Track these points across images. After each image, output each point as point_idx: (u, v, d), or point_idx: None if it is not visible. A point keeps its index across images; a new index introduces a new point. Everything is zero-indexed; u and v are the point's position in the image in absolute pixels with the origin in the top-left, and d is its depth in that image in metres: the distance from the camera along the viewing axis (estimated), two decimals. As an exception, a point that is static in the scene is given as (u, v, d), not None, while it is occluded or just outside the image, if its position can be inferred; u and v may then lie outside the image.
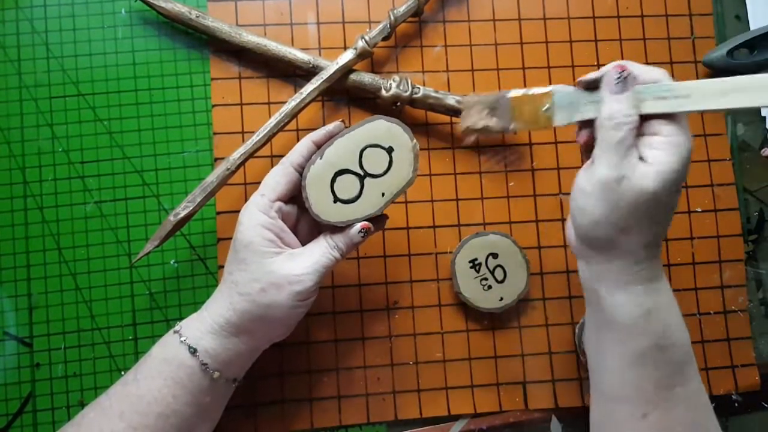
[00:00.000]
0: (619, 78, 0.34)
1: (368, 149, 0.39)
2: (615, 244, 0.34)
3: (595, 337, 0.37)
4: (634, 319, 0.34)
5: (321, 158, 0.39)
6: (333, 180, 0.39)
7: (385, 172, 0.40)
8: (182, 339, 0.38)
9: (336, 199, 0.39)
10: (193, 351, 0.38)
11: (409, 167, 0.40)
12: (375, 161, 0.39)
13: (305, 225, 0.42)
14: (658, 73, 0.34)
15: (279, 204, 0.39)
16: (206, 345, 0.38)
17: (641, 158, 0.33)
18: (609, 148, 0.33)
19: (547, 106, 0.37)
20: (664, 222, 0.35)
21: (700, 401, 0.35)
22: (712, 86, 0.33)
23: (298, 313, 0.39)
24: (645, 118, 0.34)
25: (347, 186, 0.39)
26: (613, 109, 0.34)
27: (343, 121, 0.41)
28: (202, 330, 0.38)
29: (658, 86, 0.34)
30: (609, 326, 0.35)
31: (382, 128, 0.39)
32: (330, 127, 0.40)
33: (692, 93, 0.33)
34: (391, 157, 0.39)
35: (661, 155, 0.33)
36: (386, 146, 0.39)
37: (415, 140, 0.40)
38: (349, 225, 0.39)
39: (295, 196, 0.40)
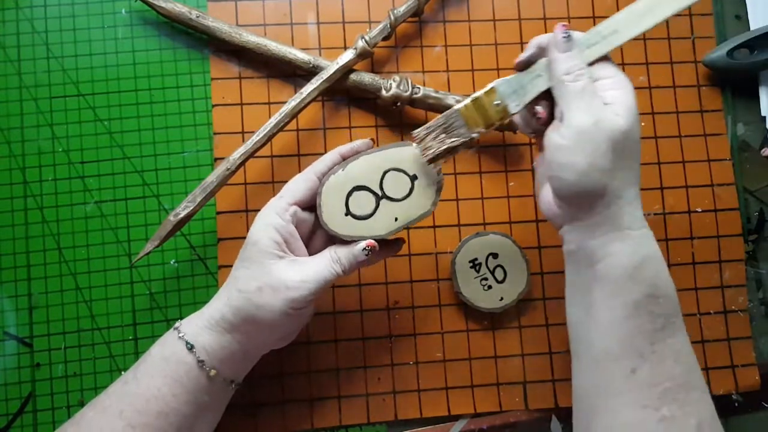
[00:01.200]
0: (566, 36, 0.36)
1: (392, 172, 0.39)
2: (605, 190, 0.35)
3: (584, 302, 0.37)
4: (629, 268, 0.35)
5: (343, 170, 0.39)
6: (350, 193, 0.39)
7: (404, 198, 0.39)
8: (180, 335, 0.38)
9: (348, 213, 0.39)
10: (191, 347, 0.38)
11: (429, 199, 0.40)
12: (396, 185, 0.39)
13: (319, 239, 0.42)
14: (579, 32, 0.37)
15: (295, 208, 0.39)
16: (203, 341, 0.38)
17: (603, 101, 0.35)
18: (576, 99, 0.35)
19: (496, 101, 0.38)
20: (637, 158, 0.36)
21: (687, 354, 0.35)
22: (633, 11, 0.36)
23: (289, 321, 0.38)
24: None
25: (362, 202, 0.39)
26: (568, 64, 0.36)
27: (372, 139, 0.41)
28: (200, 325, 0.39)
29: (587, 36, 0.37)
30: (602, 283, 0.35)
31: (411, 154, 0.39)
32: (358, 143, 0.41)
33: (618, 27, 0.36)
34: (413, 185, 0.39)
35: (618, 93, 0.35)
36: (411, 173, 0.39)
37: (442, 175, 0.40)
38: (354, 241, 0.39)
39: (313, 206, 0.40)
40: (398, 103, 0.48)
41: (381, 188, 0.39)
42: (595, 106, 0.34)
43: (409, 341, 0.48)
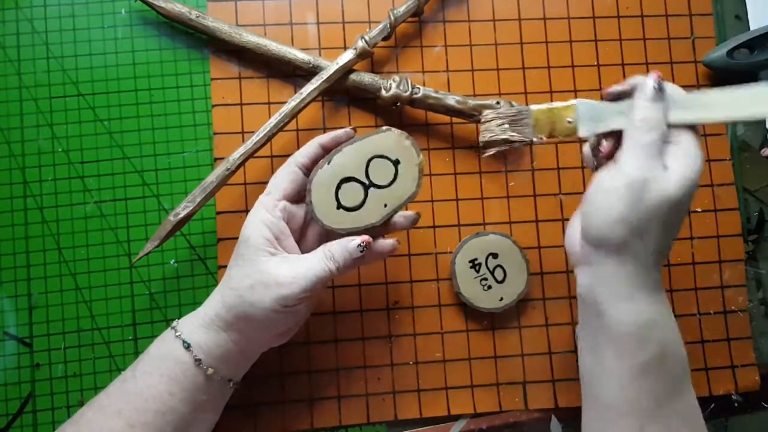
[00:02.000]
0: (657, 87, 0.35)
1: (376, 159, 0.39)
2: (628, 248, 0.34)
3: (593, 351, 0.37)
4: (637, 329, 0.34)
5: (328, 164, 0.39)
6: (338, 186, 0.39)
7: (390, 184, 0.40)
8: (177, 334, 0.38)
9: (339, 206, 0.39)
10: (187, 346, 0.38)
11: (413, 182, 0.40)
12: (381, 172, 0.40)
13: (312, 234, 0.42)
14: (679, 89, 0.36)
15: (284, 203, 0.40)
16: (199, 339, 0.38)
17: (664, 165, 0.34)
18: (639, 150, 0.34)
19: (570, 119, 0.37)
20: (676, 230, 0.35)
21: (695, 415, 0.35)
22: (736, 96, 0.35)
23: (283, 319, 0.38)
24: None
25: (352, 194, 0.39)
26: (648, 113, 0.34)
27: (355, 129, 0.41)
28: (196, 324, 0.39)
29: (684, 98, 0.35)
30: (610, 338, 0.35)
31: (392, 140, 0.39)
32: (339, 132, 0.41)
33: (714, 103, 0.35)
34: (396, 170, 0.40)
35: (682, 164, 0.34)
36: (393, 158, 0.40)
37: (421, 156, 0.40)
38: (349, 235, 0.39)
39: (303, 198, 0.41)
40: (398, 103, 0.48)
41: (368, 177, 0.39)
42: (653, 165, 0.33)
43: (409, 341, 0.48)
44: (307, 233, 0.43)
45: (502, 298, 0.48)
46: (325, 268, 0.38)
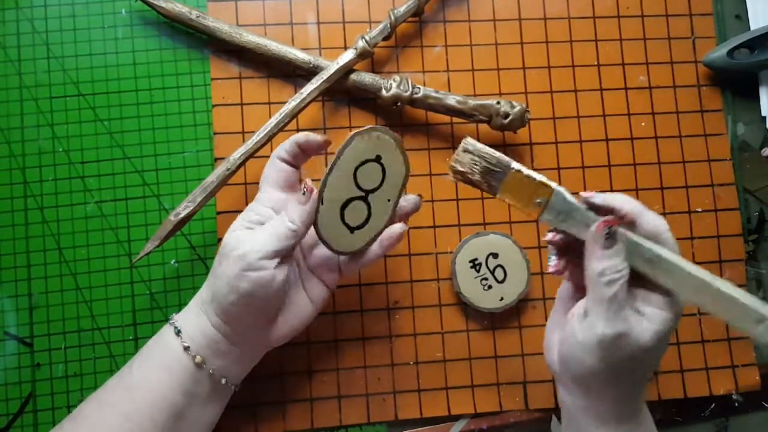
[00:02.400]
0: (607, 234, 0.33)
1: (360, 168, 0.39)
2: (606, 391, 0.34)
3: None
4: None
5: (323, 203, 0.39)
6: (342, 215, 0.39)
7: (383, 180, 0.40)
8: (172, 321, 0.39)
9: (352, 230, 0.40)
10: (178, 332, 0.38)
11: (401, 164, 0.40)
12: (370, 175, 0.39)
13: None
14: (659, 226, 0.34)
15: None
16: (189, 326, 0.39)
17: (638, 311, 0.33)
18: (602, 305, 0.33)
19: (540, 200, 0.35)
20: (651, 371, 0.36)
21: None
22: (697, 283, 0.33)
23: (245, 289, 0.36)
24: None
25: (356, 212, 0.40)
26: (603, 265, 0.33)
27: (327, 140, 0.41)
28: (189, 310, 0.40)
29: (650, 250, 0.34)
30: None
31: (362, 144, 0.39)
32: (313, 137, 0.41)
33: (675, 274, 0.33)
34: (382, 165, 0.40)
35: (659, 313, 0.33)
36: (373, 157, 0.39)
37: (396, 136, 0.39)
38: (372, 243, 0.40)
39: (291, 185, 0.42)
40: (398, 103, 0.48)
41: (361, 189, 0.39)
42: (622, 320, 0.32)
43: (409, 341, 0.48)
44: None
45: (502, 298, 0.48)
46: (283, 228, 0.37)
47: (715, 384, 0.49)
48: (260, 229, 0.38)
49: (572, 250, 0.36)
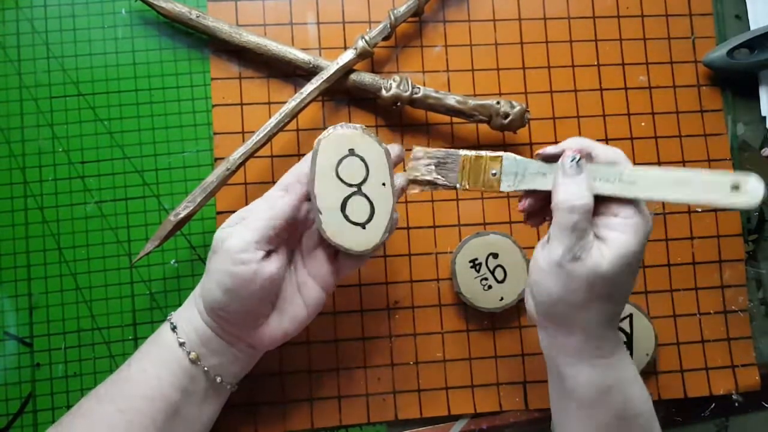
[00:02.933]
0: (573, 160, 0.34)
1: (339, 168, 0.39)
2: (572, 321, 0.34)
3: (557, 404, 0.38)
4: (593, 394, 0.35)
5: (321, 213, 0.38)
6: (346, 217, 0.39)
7: (367, 168, 0.39)
8: (168, 318, 0.40)
9: (363, 225, 0.39)
10: (173, 327, 0.39)
11: (375, 147, 0.39)
12: (353, 169, 0.39)
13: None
14: (615, 154, 0.35)
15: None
16: (184, 323, 0.39)
17: (598, 237, 0.34)
18: (564, 231, 0.33)
19: (494, 171, 0.37)
20: (621, 300, 0.35)
21: None
22: (659, 177, 0.34)
23: (232, 282, 0.36)
24: (603, 198, 0.34)
25: (358, 208, 0.39)
26: (567, 192, 0.34)
27: (330, 131, 0.40)
28: (185, 307, 0.40)
29: (608, 170, 0.34)
30: (569, 397, 0.36)
31: (330, 145, 0.39)
32: (302, 173, 0.40)
33: (638, 181, 0.34)
34: (358, 156, 0.39)
35: (619, 237, 0.33)
36: (347, 152, 0.39)
37: (355, 125, 0.39)
38: (390, 230, 0.40)
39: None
40: (398, 103, 0.48)
41: (351, 185, 0.39)
42: (581, 245, 0.33)
43: (409, 341, 0.48)
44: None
45: (502, 298, 0.48)
46: (266, 215, 0.37)
47: (715, 384, 0.49)
48: (237, 218, 0.38)
49: (548, 213, 0.37)
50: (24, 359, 0.47)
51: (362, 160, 0.39)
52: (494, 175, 0.37)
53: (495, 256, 0.48)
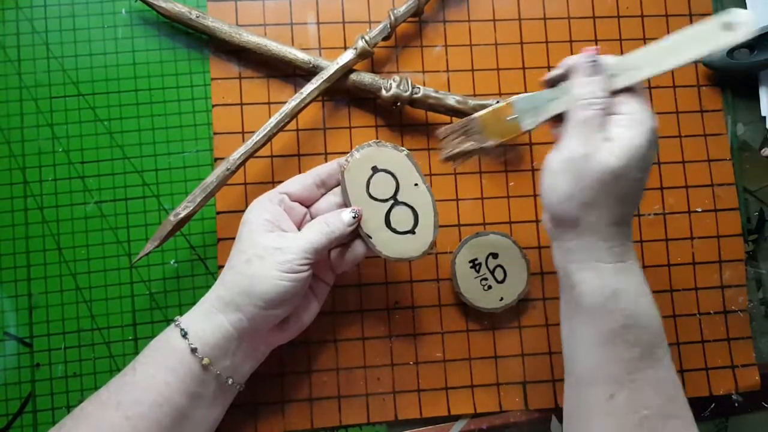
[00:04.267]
0: (592, 62, 0.36)
1: (369, 189, 0.41)
2: (582, 221, 0.35)
3: (568, 320, 0.37)
4: (601, 298, 0.35)
5: (371, 237, 0.41)
6: (395, 231, 0.41)
7: (395, 178, 0.41)
8: (177, 323, 0.39)
9: (413, 231, 0.41)
10: (184, 333, 0.38)
11: (395, 154, 0.41)
12: (383, 184, 0.41)
13: None
14: (615, 57, 0.37)
15: (283, 196, 0.41)
16: (196, 327, 0.39)
17: (607, 138, 0.34)
18: (576, 126, 0.34)
19: (511, 116, 0.38)
20: (631, 201, 0.35)
21: (669, 384, 0.35)
22: (656, 51, 0.35)
23: (285, 288, 0.38)
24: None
25: (402, 218, 0.41)
26: (584, 90, 0.35)
27: (348, 160, 0.41)
28: (196, 312, 0.40)
29: (615, 63, 0.36)
30: (578, 307, 0.36)
31: (352, 173, 0.40)
32: (333, 165, 0.42)
33: (640, 63, 0.35)
34: (382, 170, 0.41)
35: (624, 132, 0.34)
36: (370, 171, 0.41)
37: (368, 143, 0.41)
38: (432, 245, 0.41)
39: (302, 200, 0.42)
40: (398, 103, 0.48)
41: (387, 200, 0.41)
42: (592, 139, 0.34)
43: (409, 341, 0.48)
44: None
45: (502, 298, 0.48)
46: (319, 235, 0.39)
47: (715, 384, 0.49)
48: (295, 234, 0.39)
49: None
50: (24, 359, 0.47)
51: (387, 172, 0.41)
52: (512, 119, 0.39)
53: (495, 256, 0.48)
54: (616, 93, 0.35)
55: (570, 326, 0.37)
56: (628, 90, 0.35)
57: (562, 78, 0.37)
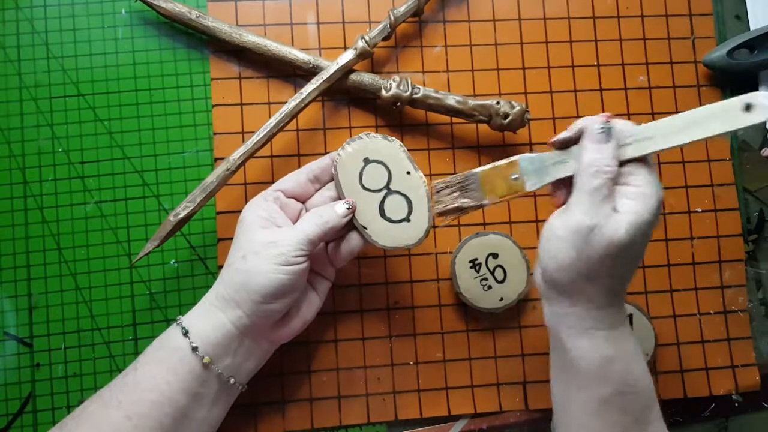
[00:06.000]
0: (603, 128, 0.34)
1: (363, 180, 0.41)
2: (578, 291, 0.34)
3: (559, 382, 0.38)
4: (595, 365, 0.34)
5: (366, 228, 0.41)
6: (389, 219, 0.41)
7: (387, 168, 0.41)
8: (178, 322, 0.39)
9: (407, 219, 0.41)
10: (185, 332, 0.38)
11: (385, 143, 0.41)
12: (375, 175, 0.41)
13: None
14: (628, 124, 0.36)
15: (278, 194, 0.42)
16: (197, 326, 0.39)
17: (615, 209, 0.34)
18: (585, 195, 0.34)
19: (515, 175, 0.38)
20: (630, 271, 0.35)
21: None
22: (671, 124, 0.34)
23: (281, 280, 0.38)
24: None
25: (396, 206, 0.41)
26: (594, 158, 0.34)
27: (340, 154, 0.41)
28: (197, 311, 0.40)
29: (623, 133, 0.35)
30: (571, 371, 0.36)
31: (346, 166, 0.41)
32: (326, 160, 0.43)
33: (653, 134, 0.34)
34: (374, 160, 0.41)
35: (632, 205, 0.33)
36: (362, 163, 0.41)
37: (359, 135, 0.41)
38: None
39: (297, 196, 0.43)
40: (398, 103, 0.48)
41: (380, 189, 0.40)
42: (601, 211, 0.33)
43: (409, 341, 0.48)
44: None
45: (502, 298, 0.48)
46: (316, 227, 0.39)
47: (715, 384, 0.49)
48: (290, 228, 0.40)
49: None
50: (24, 359, 0.47)
51: (379, 162, 0.41)
52: (516, 179, 0.38)
53: (495, 256, 0.48)
54: (625, 163, 0.35)
55: (562, 385, 0.37)
56: (637, 159, 0.35)
57: (572, 141, 0.36)
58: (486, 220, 0.50)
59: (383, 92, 0.47)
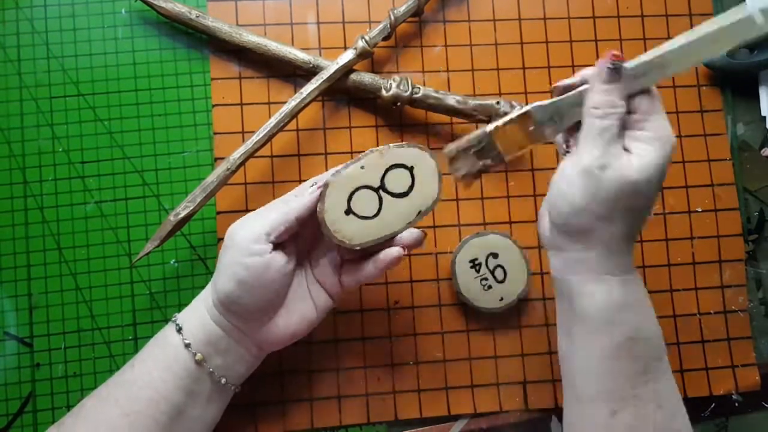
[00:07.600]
0: (612, 68, 0.34)
1: (352, 207, 0.39)
2: (592, 234, 0.34)
3: (567, 335, 0.37)
4: (607, 311, 0.34)
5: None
6: (390, 194, 0.39)
7: (407, 193, 0.39)
8: (174, 319, 0.39)
9: (406, 193, 0.39)
10: (179, 329, 0.39)
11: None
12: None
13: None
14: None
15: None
16: (190, 323, 0.39)
17: (626, 149, 0.34)
18: (593, 137, 0.33)
19: (531, 126, 0.36)
20: (642, 216, 0.35)
21: (672, 399, 0.35)
22: (687, 43, 0.33)
23: (238, 275, 0.37)
24: (629, 113, 0.34)
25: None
26: (600, 99, 0.34)
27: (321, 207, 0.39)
28: (190, 308, 0.40)
29: (636, 65, 0.34)
30: (581, 320, 0.35)
31: (334, 195, 0.38)
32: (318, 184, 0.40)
33: (670, 60, 0.33)
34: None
35: (646, 148, 0.33)
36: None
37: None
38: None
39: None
40: (398, 103, 0.48)
41: (380, 187, 0.39)
42: (610, 152, 0.33)
43: (409, 341, 0.48)
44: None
45: (502, 298, 0.48)
46: (280, 211, 0.38)
47: (715, 384, 0.49)
48: (253, 215, 0.39)
49: None
50: (24, 359, 0.47)
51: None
52: (533, 130, 0.36)
53: (495, 256, 0.48)
54: (634, 96, 0.34)
55: (569, 337, 0.36)
56: (652, 107, 0.34)
57: (576, 86, 0.36)
58: (486, 220, 0.50)
59: (383, 92, 0.47)
